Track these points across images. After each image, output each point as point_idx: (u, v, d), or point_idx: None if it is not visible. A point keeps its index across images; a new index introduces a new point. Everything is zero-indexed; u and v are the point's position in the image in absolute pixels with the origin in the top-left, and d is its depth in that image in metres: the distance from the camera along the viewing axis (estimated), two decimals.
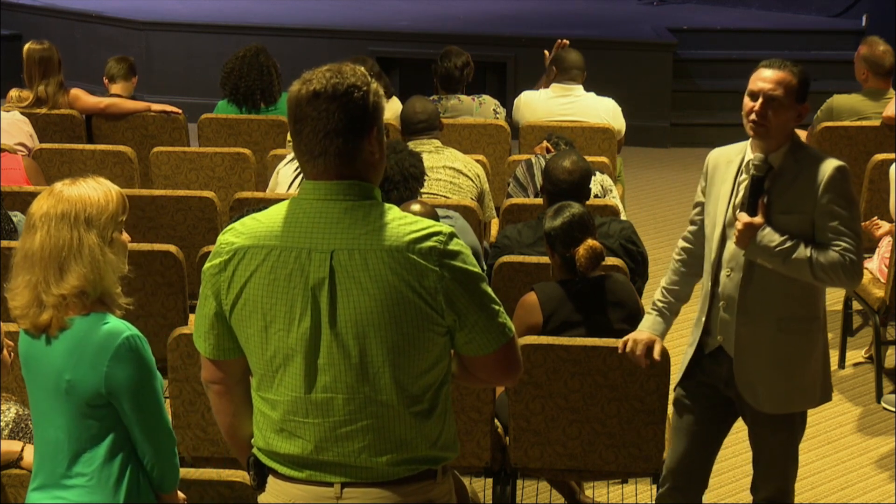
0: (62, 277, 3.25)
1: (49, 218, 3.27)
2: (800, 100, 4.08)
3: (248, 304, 3.00)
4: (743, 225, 4.05)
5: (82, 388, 3.25)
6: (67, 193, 3.30)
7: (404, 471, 3.01)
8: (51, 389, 3.29)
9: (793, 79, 4.06)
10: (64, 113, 7.80)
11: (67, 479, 3.30)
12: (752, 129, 4.07)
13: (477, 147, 7.54)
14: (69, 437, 3.29)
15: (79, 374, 3.24)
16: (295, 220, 2.98)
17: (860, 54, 7.62)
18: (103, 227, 3.28)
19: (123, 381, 3.24)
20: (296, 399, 3.00)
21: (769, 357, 4.15)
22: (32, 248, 3.27)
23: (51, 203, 3.29)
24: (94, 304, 3.29)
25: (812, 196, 4.05)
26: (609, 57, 10.88)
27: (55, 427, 3.31)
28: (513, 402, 4.63)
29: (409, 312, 2.93)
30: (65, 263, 3.25)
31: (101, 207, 3.29)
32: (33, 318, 3.28)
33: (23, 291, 3.29)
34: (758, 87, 4.06)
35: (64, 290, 3.25)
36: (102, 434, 3.29)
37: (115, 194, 3.35)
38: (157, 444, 3.32)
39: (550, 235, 4.79)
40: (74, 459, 3.30)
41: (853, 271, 4.04)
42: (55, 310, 3.26)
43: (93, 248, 3.26)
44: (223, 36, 11.35)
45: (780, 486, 4.32)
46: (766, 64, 4.11)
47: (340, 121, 2.94)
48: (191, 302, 5.64)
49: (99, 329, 3.25)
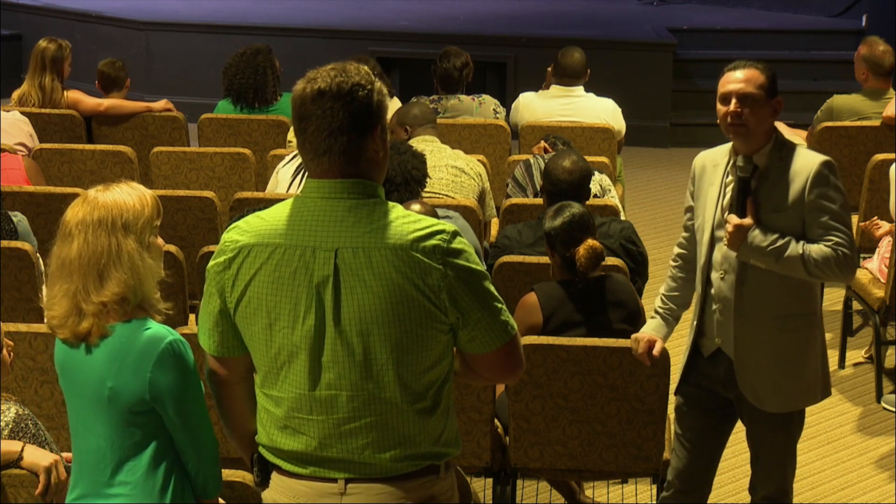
0: (102, 285, 3.21)
1: (86, 225, 3.23)
2: (771, 95, 4.10)
3: (252, 301, 3.00)
4: (733, 227, 4.05)
5: (125, 394, 3.22)
6: (103, 200, 3.26)
7: (407, 466, 3.02)
8: (92, 398, 3.26)
9: (760, 75, 4.09)
10: (64, 113, 7.80)
11: (111, 488, 3.26)
12: (731, 130, 4.09)
13: (477, 147, 7.53)
14: (111, 446, 3.26)
15: (121, 380, 3.21)
16: (299, 219, 2.99)
17: (860, 54, 7.62)
18: (140, 231, 3.25)
19: (168, 386, 3.21)
20: (300, 396, 3.01)
21: (769, 356, 4.16)
22: (70, 257, 3.23)
23: (86, 210, 3.25)
24: (134, 311, 3.25)
25: (800, 193, 4.05)
26: (609, 57, 10.87)
27: (97, 436, 3.27)
28: (513, 402, 4.63)
29: (412, 310, 2.94)
30: (104, 271, 3.21)
31: (137, 212, 3.26)
32: (73, 326, 3.24)
33: (61, 301, 3.24)
34: (728, 90, 4.09)
35: (105, 298, 3.21)
36: (145, 441, 3.26)
37: (150, 198, 3.32)
38: (200, 449, 3.29)
39: (551, 235, 4.79)
40: (118, 468, 3.26)
41: (847, 264, 4.05)
42: (95, 318, 3.22)
43: (132, 253, 3.23)
44: (223, 36, 11.34)
45: (778, 486, 4.33)
46: (732, 67, 4.15)
47: (345, 119, 2.95)
48: (191, 302, 5.64)
49: (141, 335, 3.22)
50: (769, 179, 4.09)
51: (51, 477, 3.51)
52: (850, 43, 10.92)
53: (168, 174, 6.96)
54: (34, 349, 4.45)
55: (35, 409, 4.25)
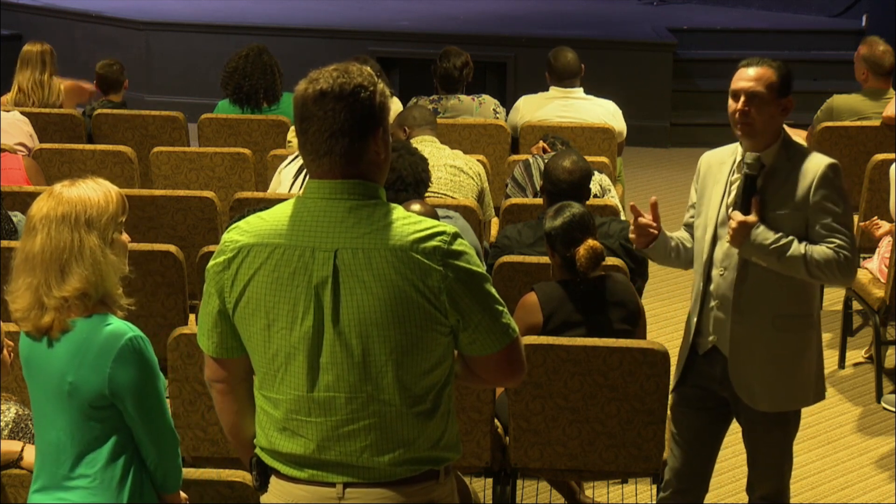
0: (63, 279, 3.24)
1: (49, 220, 3.26)
2: (782, 94, 4.10)
3: (251, 302, 3.00)
4: (737, 223, 4.06)
5: (85, 389, 3.24)
6: (67, 195, 3.29)
7: (406, 471, 3.01)
8: (53, 391, 3.29)
9: (772, 74, 4.09)
10: (64, 113, 7.80)
11: (70, 481, 3.29)
12: (739, 128, 4.10)
13: (477, 147, 7.53)
14: (71, 439, 3.29)
15: (81, 375, 3.24)
16: (299, 219, 2.99)
17: (860, 54, 7.62)
18: (104, 228, 3.28)
19: (127, 382, 3.23)
20: (298, 398, 3.00)
21: (765, 355, 4.16)
22: (33, 251, 3.26)
23: (51, 205, 3.28)
24: (95, 306, 3.28)
25: (805, 194, 4.06)
26: (609, 57, 10.88)
27: (57, 429, 3.30)
28: (513, 402, 4.63)
29: (412, 312, 2.93)
30: (66, 265, 3.24)
31: (101, 208, 3.29)
32: (35, 320, 3.27)
33: (24, 294, 3.28)
34: (739, 87, 4.11)
35: (65, 293, 3.24)
36: (105, 436, 3.29)
37: (115, 195, 3.34)
38: (160, 444, 3.32)
39: (551, 235, 4.79)
40: (77, 461, 3.29)
41: (848, 268, 4.06)
42: (57, 312, 3.25)
43: (94, 249, 3.25)
44: (223, 36, 11.34)
45: (776, 485, 4.33)
46: (746, 63, 4.16)
47: (346, 120, 2.95)
48: (191, 302, 5.64)
49: (101, 330, 3.25)
50: (775, 178, 4.09)
51: None
52: (850, 43, 10.91)
53: (168, 174, 6.95)
54: None
55: None
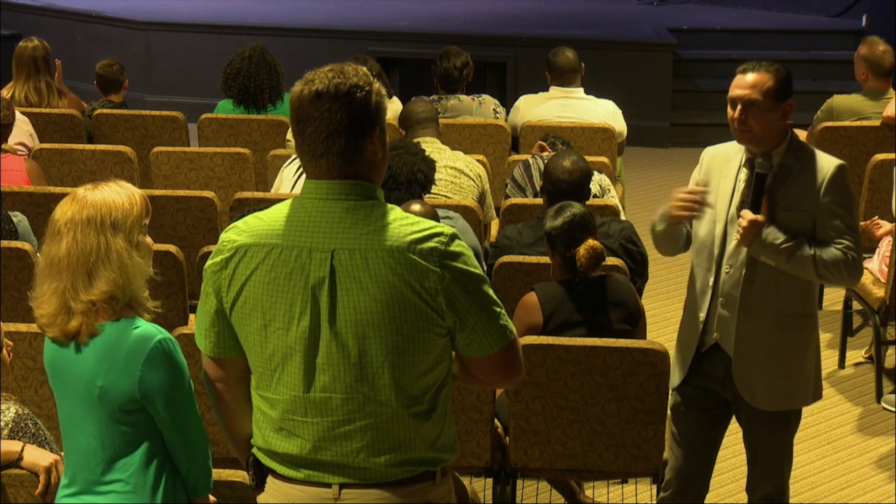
0: (91, 283, 3.22)
1: (75, 223, 3.24)
2: (781, 99, 4.08)
3: (248, 302, 3.00)
4: (748, 223, 4.06)
5: (115, 393, 3.23)
6: (91, 198, 3.27)
7: (402, 472, 3.01)
8: (82, 397, 3.26)
9: (769, 79, 4.07)
10: (64, 113, 7.81)
11: (102, 486, 3.28)
12: (738, 135, 4.10)
13: (477, 147, 7.53)
14: (101, 444, 3.27)
15: (111, 379, 3.22)
16: (296, 219, 2.99)
17: (860, 54, 7.62)
18: (129, 230, 3.26)
19: (158, 384, 3.22)
20: (294, 398, 3.00)
21: (768, 354, 4.17)
22: (59, 255, 3.24)
23: (75, 209, 3.26)
24: (123, 309, 3.26)
25: (814, 194, 4.06)
26: (609, 57, 10.88)
27: (87, 435, 3.28)
28: (513, 402, 4.63)
29: (409, 313, 2.93)
30: (93, 269, 3.22)
31: (126, 211, 3.27)
32: (62, 325, 3.25)
33: (49, 299, 3.26)
34: (735, 95, 4.10)
35: (93, 296, 3.22)
36: (136, 440, 3.27)
37: (139, 197, 3.33)
38: (191, 447, 3.30)
39: (551, 235, 4.79)
40: (109, 466, 3.27)
41: (855, 269, 4.08)
42: (84, 316, 3.23)
43: (120, 252, 3.23)
44: (223, 36, 11.34)
45: (776, 485, 4.34)
46: (743, 69, 4.13)
47: (343, 121, 2.95)
48: (191, 302, 5.64)
49: (130, 333, 3.23)
50: (784, 178, 4.10)
51: (51, 477, 3.51)
52: (850, 43, 10.92)
53: (168, 174, 6.95)
54: (34, 349, 4.45)
55: (35, 409, 4.26)
